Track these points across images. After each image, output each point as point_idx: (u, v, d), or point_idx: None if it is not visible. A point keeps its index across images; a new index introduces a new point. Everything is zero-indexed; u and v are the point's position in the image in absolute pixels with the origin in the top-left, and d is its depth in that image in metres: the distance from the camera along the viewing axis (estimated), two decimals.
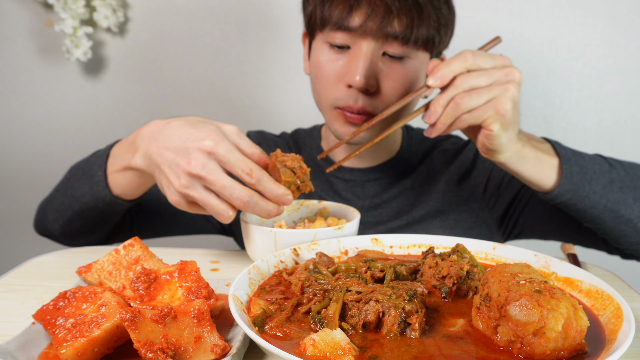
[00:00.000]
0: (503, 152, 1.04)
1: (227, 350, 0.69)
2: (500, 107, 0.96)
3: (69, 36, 2.13)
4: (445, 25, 1.23)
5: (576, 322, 0.64)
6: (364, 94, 1.22)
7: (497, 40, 1.12)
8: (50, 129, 2.37)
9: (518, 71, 0.98)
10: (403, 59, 1.22)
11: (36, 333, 0.74)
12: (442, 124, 0.99)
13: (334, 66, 1.23)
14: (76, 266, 0.95)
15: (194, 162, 0.91)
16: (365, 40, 1.18)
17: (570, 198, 1.10)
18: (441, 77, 0.96)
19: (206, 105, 2.25)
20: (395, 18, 1.16)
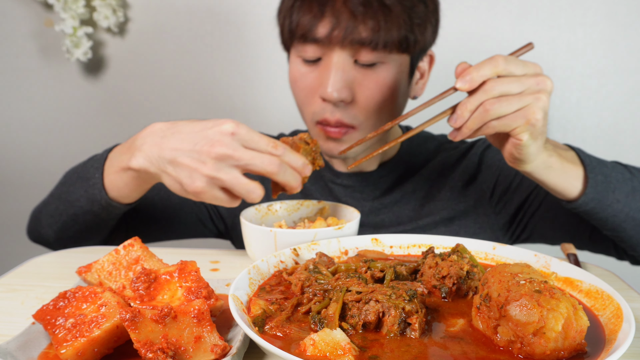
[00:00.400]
0: (530, 162, 1.01)
1: (227, 350, 0.69)
2: (531, 117, 0.94)
3: (69, 36, 2.13)
4: (421, 24, 1.18)
5: (576, 322, 0.64)
6: (339, 106, 1.19)
7: (530, 47, 1.07)
8: (51, 129, 2.37)
9: (550, 80, 0.95)
10: (376, 65, 1.18)
11: (36, 333, 0.74)
12: (468, 128, 0.97)
13: (308, 80, 1.22)
14: (76, 266, 0.95)
15: (218, 144, 0.93)
16: (334, 50, 1.16)
17: (594, 207, 1.09)
18: (470, 81, 0.93)
19: (206, 105, 2.25)
20: (361, 24, 1.12)
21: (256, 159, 0.93)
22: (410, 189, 1.40)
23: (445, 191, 1.38)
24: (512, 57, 0.97)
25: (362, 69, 1.18)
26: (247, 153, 0.93)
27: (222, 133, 0.93)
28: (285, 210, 1.18)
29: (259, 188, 0.96)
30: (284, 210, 1.18)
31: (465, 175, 1.40)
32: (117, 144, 1.19)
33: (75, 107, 2.33)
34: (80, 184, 1.19)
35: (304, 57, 1.20)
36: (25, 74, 2.31)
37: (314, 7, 1.15)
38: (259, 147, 0.95)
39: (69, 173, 1.28)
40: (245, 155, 0.93)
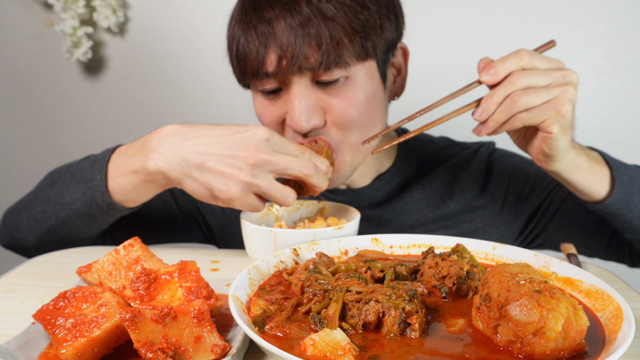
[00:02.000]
0: (560, 159, 1.00)
1: (227, 350, 0.69)
2: (561, 108, 0.92)
3: (69, 36, 2.13)
4: (372, 26, 1.10)
5: (576, 322, 0.64)
6: (315, 132, 1.13)
7: (552, 44, 1.06)
8: (50, 129, 2.37)
9: (575, 73, 0.94)
10: (339, 81, 1.11)
11: (36, 333, 0.74)
12: (495, 121, 0.94)
13: (273, 113, 1.15)
14: (76, 266, 0.95)
15: (254, 150, 0.93)
16: (291, 80, 1.09)
17: (620, 208, 1.08)
18: (495, 74, 0.92)
19: (206, 105, 2.25)
20: (308, 48, 1.05)
21: (293, 162, 0.95)
22: (409, 199, 1.32)
23: (453, 204, 1.31)
24: (536, 52, 0.96)
25: (325, 88, 1.11)
26: (283, 157, 0.95)
27: (258, 139, 0.94)
28: (285, 210, 1.18)
29: (293, 192, 0.98)
30: (284, 210, 1.18)
31: (474, 185, 1.32)
32: (119, 145, 1.14)
33: (75, 107, 2.33)
34: (76, 186, 1.12)
35: (263, 89, 1.15)
36: (26, 74, 2.31)
37: (256, 41, 1.09)
38: (290, 152, 0.97)
39: (56, 174, 1.20)
40: (283, 160, 0.94)
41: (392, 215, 1.32)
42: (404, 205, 1.32)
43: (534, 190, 1.31)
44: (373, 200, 1.33)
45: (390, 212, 1.32)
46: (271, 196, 0.97)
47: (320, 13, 1.06)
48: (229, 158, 0.93)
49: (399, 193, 1.33)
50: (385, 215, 1.31)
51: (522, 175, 1.32)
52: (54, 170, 1.24)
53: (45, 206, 1.18)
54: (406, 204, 1.32)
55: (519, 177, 1.32)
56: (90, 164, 1.12)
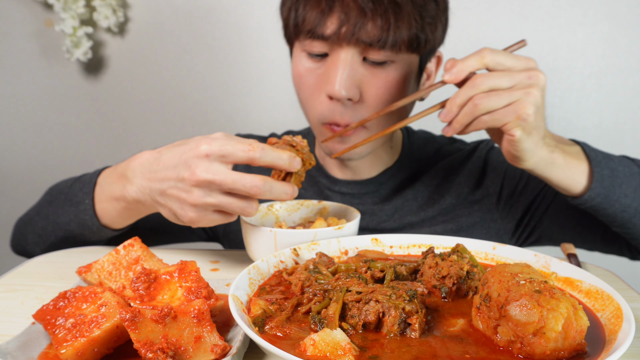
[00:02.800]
0: (528, 158, 1.00)
1: (227, 350, 0.69)
2: (521, 112, 0.92)
3: (69, 36, 2.13)
4: (431, 22, 1.14)
5: (576, 322, 0.64)
6: (347, 105, 1.15)
7: (522, 43, 1.06)
8: (50, 128, 2.37)
9: (543, 74, 0.94)
10: (386, 64, 1.14)
11: (36, 333, 0.74)
12: (459, 123, 0.95)
13: (313, 76, 1.17)
14: (76, 266, 0.95)
15: (197, 170, 0.88)
16: (342, 47, 1.11)
17: (601, 202, 1.07)
18: (456, 72, 0.93)
19: (206, 105, 2.25)
20: (370, 21, 1.08)
21: (238, 182, 0.88)
22: (411, 195, 1.34)
23: (450, 198, 1.33)
24: (502, 50, 0.96)
25: (370, 67, 1.14)
26: (227, 176, 0.88)
27: (198, 157, 0.89)
28: (285, 210, 1.18)
29: (251, 204, 0.92)
30: (284, 210, 1.18)
31: (471, 180, 1.35)
32: (106, 167, 1.17)
33: (75, 107, 2.33)
34: (69, 208, 1.15)
35: (309, 51, 1.16)
36: (26, 74, 2.32)
37: (322, 2, 1.10)
38: (236, 155, 0.89)
39: (54, 191, 1.23)
40: (227, 178, 0.88)
41: (393, 210, 1.33)
42: (405, 200, 1.34)
43: (528, 184, 1.31)
44: (376, 193, 1.35)
45: (391, 206, 1.34)
46: (230, 210, 0.92)
47: None
48: (179, 182, 0.91)
49: (402, 188, 1.35)
50: (387, 209, 1.33)
51: (517, 169, 1.32)
52: (53, 187, 1.27)
53: (46, 224, 1.21)
54: (407, 200, 1.34)
55: (514, 171, 1.33)
56: (80, 187, 1.16)
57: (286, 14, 1.19)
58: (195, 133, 2.27)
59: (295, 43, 1.21)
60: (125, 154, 2.34)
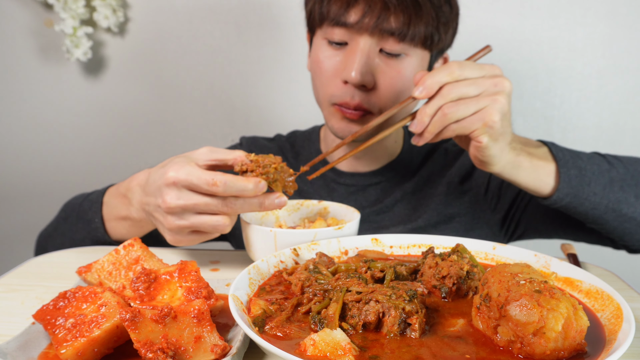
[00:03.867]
0: (495, 163, 1.03)
1: (227, 350, 0.69)
2: (488, 119, 0.95)
3: (69, 36, 2.13)
4: (445, 23, 1.22)
5: (576, 322, 0.64)
6: (360, 90, 1.21)
7: (487, 50, 1.11)
8: (50, 129, 2.37)
9: (508, 81, 0.97)
10: (400, 56, 1.21)
11: (36, 333, 0.74)
12: (430, 133, 0.99)
13: (332, 62, 1.24)
14: (76, 266, 0.95)
15: (167, 198, 0.92)
16: (362, 36, 1.18)
17: (571, 201, 1.10)
18: (427, 88, 0.96)
19: (206, 105, 2.25)
20: (392, 14, 1.16)
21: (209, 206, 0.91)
22: (410, 189, 1.40)
23: (442, 187, 1.39)
24: (469, 61, 0.99)
25: (386, 57, 1.21)
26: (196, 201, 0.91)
27: (166, 184, 0.92)
28: (285, 210, 1.18)
29: (223, 220, 0.93)
30: (284, 210, 1.18)
31: (462, 172, 1.40)
32: (111, 185, 1.22)
33: (75, 107, 2.33)
34: (82, 226, 1.22)
35: (330, 39, 1.23)
36: (25, 74, 2.31)
37: None
38: (201, 188, 0.90)
39: (68, 209, 1.29)
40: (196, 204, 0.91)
41: (394, 201, 1.39)
42: (404, 193, 1.40)
43: None
44: (379, 185, 1.41)
45: (392, 198, 1.39)
46: (203, 229, 0.94)
47: None
48: (157, 208, 0.96)
49: (402, 180, 1.42)
50: (388, 201, 1.39)
51: None
52: (67, 203, 1.32)
53: (63, 240, 1.27)
54: (407, 192, 1.40)
55: None
56: (89, 206, 1.22)
57: (311, 4, 1.26)
58: (195, 133, 2.27)
59: (317, 32, 1.27)
60: (125, 154, 2.34)
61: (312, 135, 1.52)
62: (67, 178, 2.39)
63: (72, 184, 2.38)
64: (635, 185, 1.13)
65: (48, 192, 2.40)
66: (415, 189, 1.41)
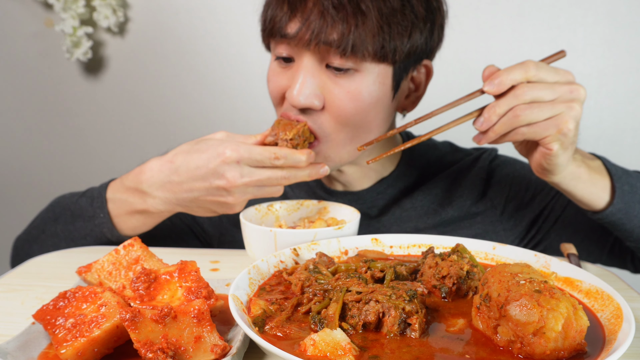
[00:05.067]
0: (559, 172, 0.99)
1: (227, 350, 0.69)
2: (563, 126, 0.91)
3: (69, 36, 2.13)
4: (403, 32, 1.08)
5: (576, 322, 0.64)
6: (306, 113, 1.11)
7: (562, 54, 1.04)
8: (50, 129, 2.37)
9: (583, 89, 0.93)
10: (349, 72, 1.09)
11: (36, 333, 0.74)
12: (495, 132, 0.93)
13: (279, 80, 1.16)
14: (76, 266, 0.95)
15: (230, 176, 0.99)
16: (304, 53, 1.09)
17: (621, 218, 1.07)
18: (499, 84, 0.91)
19: (206, 105, 2.25)
20: (330, 26, 1.05)
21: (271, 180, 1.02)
22: (409, 205, 1.30)
23: (452, 210, 1.29)
24: (544, 63, 0.94)
25: (333, 75, 1.10)
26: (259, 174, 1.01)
27: (227, 164, 0.98)
28: (285, 210, 1.18)
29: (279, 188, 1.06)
30: (284, 210, 1.18)
31: (473, 192, 1.31)
32: (112, 180, 1.20)
33: (75, 107, 2.33)
34: (81, 224, 1.19)
35: (277, 54, 1.15)
36: (25, 74, 2.31)
37: (286, 5, 1.11)
38: (264, 164, 1.00)
39: (57, 208, 1.24)
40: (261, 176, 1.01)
41: (391, 221, 1.30)
42: (403, 211, 1.30)
43: (535, 197, 1.29)
44: (373, 204, 1.31)
45: (389, 217, 1.30)
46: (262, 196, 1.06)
47: (355, 3, 1.05)
48: (213, 189, 1.01)
49: (400, 198, 1.31)
50: (384, 220, 1.30)
51: (524, 182, 1.31)
52: (54, 204, 1.28)
53: (57, 241, 1.23)
54: (406, 210, 1.30)
55: (520, 183, 1.31)
56: (89, 202, 1.19)
57: (263, 17, 1.20)
58: (195, 133, 2.26)
59: (270, 48, 1.23)
60: (125, 153, 2.34)
61: None
62: (67, 178, 2.39)
63: (71, 184, 2.38)
64: None
65: (48, 192, 2.40)
66: (416, 207, 1.30)
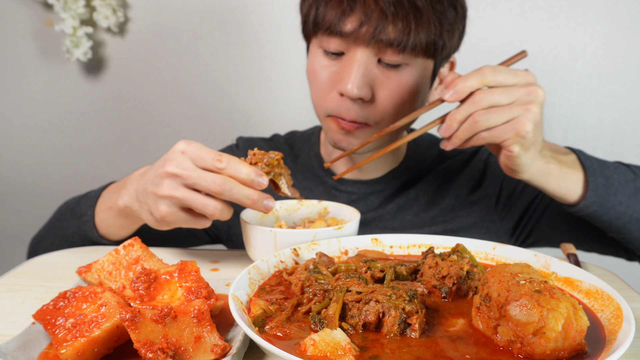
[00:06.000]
0: (525, 171, 1.01)
1: (227, 350, 0.69)
2: (520, 129, 0.93)
3: (69, 36, 2.13)
4: (450, 29, 1.16)
5: (576, 322, 0.64)
6: (356, 104, 1.17)
7: (523, 55, 1.06)
8: (51, 128, 2.37)
9: (542, 90, 0.94)
10: (400, 67, 1.16)
11: (36, 333, 0.74)
12: (458, 138, 0.97)
13: (327, 73, 1.19)
14: (76, 266, 0.95)
15: (168, 164, 0.92)
16: (359, 47, 1.13)
17: (596, 210, 1.08)
18: (457, 93, 0.93)
19: (206, 105, 2.25)
20: (390, 24, 1.09)
21: (201, 179, 0.91)
22: (413, 195, 1.37)
23: (449, 199, 1.35)
24: (502, 66, 0.96)
25: (385, 68, 1.16)
26: (193, 172, 0.91)
27: (174, 152, 0.93)
28: (285, 210, 1.18)
29: (215, 204, 0.93)
30: (284, 210, 1.18)
31: (470, 182, 1.37)
32: (113, 182, 1.21)
33: (75, 107, 2.33)
34: (73, 221, 1.19)
35: (326, 48, 1.17)
36: (25, 74, 2.31)
37: (344, 0, 1.11)
38: (207, 162, 0.91)
39: (63, 209, 1.27)
40: (192, 174, 0.91)
41: (396, 208, 1.36)
42: (407, 200, 1.36)
43: (526, 186, 1.33)
44: (381, 193, 1.38)
45: (394, 206, 1.36)
46: (193, 206, 0.94)
47: (412, 1, 1.10)
48: (155, 177, 0.95)
49: (405, 188, 1.38)
50: (390, 208, 1.36)
51: None
52: (62, 204, 1.31)
53: (54, 239, 1.25)
54: (409, 200, 1.36)
55: None
56: (85, 200, 1.20)
57: (306, 11, 1.20)
58: (195, 133, 2.27)
59: (312, 39, 1.23)
60: (125, 154, 2.34)
61: (312, 138, 1.49)
62: (67, 178, 2.39)
63: (72, 184, 2.38)
64: None
65: (48, 192, 2.40)
66: (419, 196, 1.37)
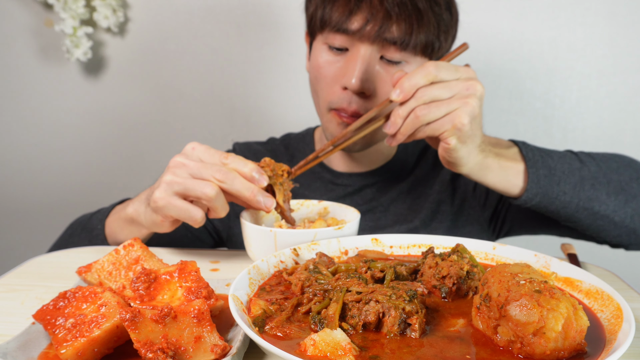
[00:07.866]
0: (463, 164, 1.05)
1: (227, 350, 0.69)
2: (457, 121, 0.97)
3: (69, 36, 2.13)
4: (445, 31, 1.23)
5: (576, 322, 0.64)
6: (358, 97, 1.22)
7: (464, 47, 1.13)
8: (50, 129, 2.37)
9: (480, 85, 0.99)
10: (400, 64, 1.21)
11: (36, 333, 0.74)
12: (402, 134, 1.01)
13: (332, 68, 1.24)
14: (76, 266, 0.95)
15: (177, 156, 0.98)
16: (363, 43, 1.18)
17: (540, 201, 1.11)
18: (403, 92, 0.98)
19: (206, 105, 2.25)
20: (394, 24, 1.16)
21: (207, 167, 0.95)
22: (405, 188, 1.42)
23: (436, 187, 1.41)
24: (444, 62, 1.00)
25: (386, 65, 1.21)
26: (200, 162, 0.97)
27: (184, 149, 0.99)
28: None
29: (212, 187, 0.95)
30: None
31: (449, 171, 1.42)
32: (127, 199, 1.24)
33: (75, 107, 2.33)
34: (85, 235, 1.23)
35: (331, 44, 1.22)
36: (25, 74, 2.31)
37: (351, 0, 1.17)
38: (214, 157, 0.98)
39: (75, 225, 1.30)
40: (199, 163, 0.96)
41: (389, 200, 1.41)
42: (400, 192, 1.42)
43: None
44: (375, 185, 1.43)
45: (387, 197, 1.41)
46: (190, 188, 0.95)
47: (414, 2, 1.17)
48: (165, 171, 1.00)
49: (397, 180, 1.44)
50: (384, 200, 1.41)
51: None
52: (75, 221, 1.33)
53: None
54: (402, 192, 1.42)
55: None
56: (97, 216, 1.24)
57: (313, 9, 1.25)
58: (196, 133, 2.27)
59: (317, 36, 1.27)
60: (125, 154, 2.34)
61: (307, 138, 1.53)
62: (67, 178, 2.39)
63: (72, 184, 2.38)
64: (607, 183, 1.14)
65: (48, 192, 2.40)
66: (410, 188, 1.42)
